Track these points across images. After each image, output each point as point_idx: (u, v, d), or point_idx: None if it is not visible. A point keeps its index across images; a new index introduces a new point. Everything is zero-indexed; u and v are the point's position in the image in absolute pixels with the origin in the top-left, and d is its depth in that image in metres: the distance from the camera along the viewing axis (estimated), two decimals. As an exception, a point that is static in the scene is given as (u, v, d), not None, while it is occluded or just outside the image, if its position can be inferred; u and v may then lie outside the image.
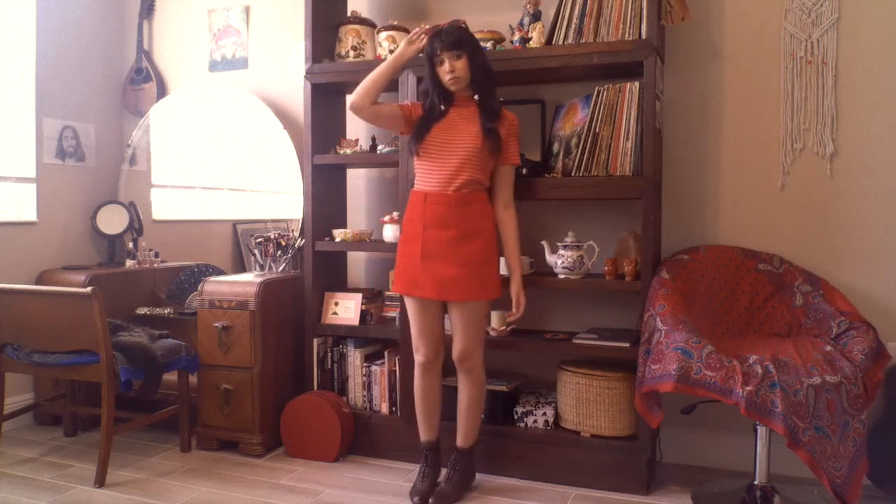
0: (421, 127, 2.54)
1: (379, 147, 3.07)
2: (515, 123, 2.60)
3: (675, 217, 2.91)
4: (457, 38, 2.49)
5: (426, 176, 2.55)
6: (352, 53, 3.09)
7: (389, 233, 3.01)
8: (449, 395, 2.77)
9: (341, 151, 3.09)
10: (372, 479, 2.78)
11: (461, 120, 2.54)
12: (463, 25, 2.57)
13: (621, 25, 2.66)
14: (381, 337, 3.09)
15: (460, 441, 2.64)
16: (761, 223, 2.82)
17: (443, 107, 2.55)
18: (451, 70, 2.47)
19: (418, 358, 2.62)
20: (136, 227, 3.74)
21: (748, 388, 2.14)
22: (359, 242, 3.10)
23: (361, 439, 3.02)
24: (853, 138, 2.71)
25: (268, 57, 3.66)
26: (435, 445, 2.68)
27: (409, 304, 2.61)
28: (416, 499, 2.54)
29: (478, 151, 2.48)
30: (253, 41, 3.70)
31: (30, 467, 2.90)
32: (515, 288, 2.60)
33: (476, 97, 2.53)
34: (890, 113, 2.66)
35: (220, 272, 3.63)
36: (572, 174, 2.70)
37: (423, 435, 2.68)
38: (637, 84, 2.62)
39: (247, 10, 3.71)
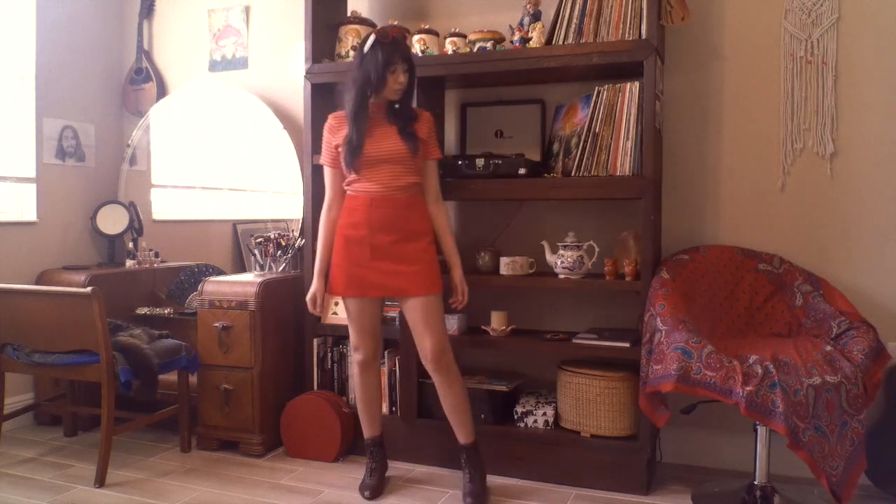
0: (355, 143, 2.51)
1: (379, 147, 3.07)
2: (431, 120, 2.66)
3: (675, 217, 2.91)
4: (410, 52, 2.59)
5: (367, 182, 2.54)
6: (352, 53, 3.08)
7: (389, 233, 3.01)
8: (432, 394, 2.74)
9: (341, 151, 3.09)
10: (372, 479, 2.78)
11: (383, 126, 2.55)
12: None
13: (621, 25, 2.66)
14: (381, 337, 3.08)
15: (462, 439, 2.62)
16: (761, 223, 2.82)
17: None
18: (403, 81, 2.52)
19: (358, 357, 2.66)
20: (136, 227, 3.74)
21: (748, 388, 2.14)
22: (359, 242, 3.09)
23: (361, 439, 3.02)
24: (853, 138, 2.71)
25: (268, 57, 3.66)
26: (379, 440, 2.74)
27: (352, 305, 2.61)
28: (366, 493, 2.60)
29: (409, 155, 2.52)
30: (253, 41, 3.70)
31: (30, 467, 2.90)
32: (457, 276, 2.65)
33: (396, 106, 2.56)
34: (890, 113, 2.66)
35: (220, 272, 3.63)
36: (572, 174, 2.70)
37: (367, 431, 2.73)
38: (637, 84, 2.62)
39: (247, 10, 3.71)
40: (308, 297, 2.66)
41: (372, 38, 2.50)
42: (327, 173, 2.68)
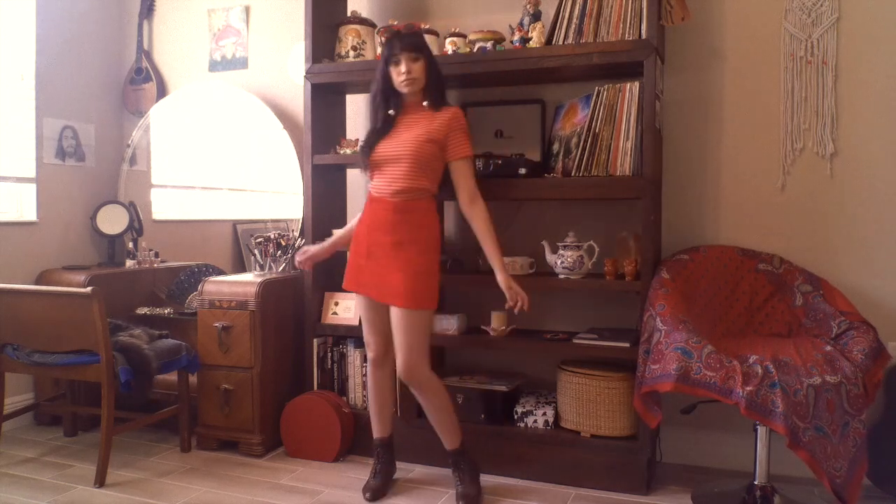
0: (369, 139, 2.55)
1: (379, 147, 3.07)
2: (459, 116, 2.55)
3: (675, 217, 2.91)
4: (416, 41, 2.50)
5: (374, 182, 2.57)
6: (352, 53, 3.09)
7: (389, 233, 3.01)
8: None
9: (341, 151, 3.09)
10: (372, 479, 2.78)
11: (405, 128, 2.53)
12: (420, 30, 2.58)
13: (621, 25, 2.66)
14: (381, 337, 3.08)
15: (447, 445, 2.60)
16: (761, 223, 2.82)
17: (391, 112, 2.53)
18: (407, 71, 2.46)
19: (369, 354, 2.65)
20: (136, 227, 3.74)
21: (748, 388, 2.14)
22: (359, 242, 3.09)
23: (361, 439, 3.02)
24: (853, 138, 2.71)
25: (268, 57, 3.66)
26: (387, 442, 2.70)
27: (358, 301, 2.66)
28: (367, 494, 2.58)
29: (416, 159, 2.47)
30: (253, 41, 3.70)
31: (30, 467, 2.91)
32: (502, 280, 2.47)
33: (425, 103, 2.53)
34: (890, 113, 2.66)
35: (220, 272, 3.63)
36: (572, 174, 2.70)
37: (376, 432, 2.70)
38: (637, 84, 2.62)
39: (247, 10, 3.71)
40: (301, 250, 2.77)
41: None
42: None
